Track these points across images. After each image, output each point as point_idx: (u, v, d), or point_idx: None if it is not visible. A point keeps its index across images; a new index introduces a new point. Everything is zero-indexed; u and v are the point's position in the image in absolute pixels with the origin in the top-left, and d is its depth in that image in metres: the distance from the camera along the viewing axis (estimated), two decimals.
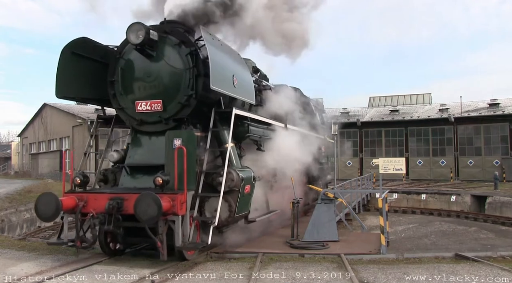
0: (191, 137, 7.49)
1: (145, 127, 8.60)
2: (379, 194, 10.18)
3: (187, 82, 8.16)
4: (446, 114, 34.00)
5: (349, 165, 36.54)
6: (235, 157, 8.45)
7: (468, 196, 22.10)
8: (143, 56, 8.33)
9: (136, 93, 8.54)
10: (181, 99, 8.19)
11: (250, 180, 8.40)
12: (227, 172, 7.76)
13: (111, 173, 8.92)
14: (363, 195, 18.75)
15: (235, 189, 7.92)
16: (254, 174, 8.63)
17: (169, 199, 7.01)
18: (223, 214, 7.77)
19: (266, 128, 10.21)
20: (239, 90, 8.57)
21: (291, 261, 7.80)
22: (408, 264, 7.51)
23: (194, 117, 8.43)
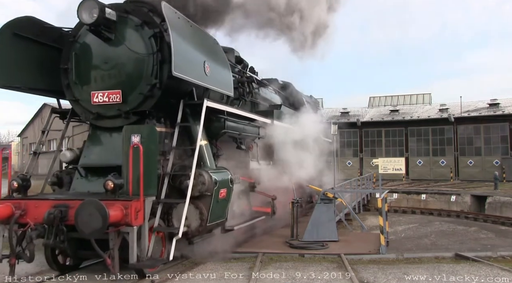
0: (152, 133, 6.45)
1: (103, 122, 7.47)
2: (379, 194, 10.17)
3: (151, 70, 7.05)
4: (446, 114, 34.00)
5: (349, 165, 36.52)
6: (209, 156, 7.40)
7: (468, 196, 22.08)
8: (100, 40, 7.21)
9: (92, 82, 7.41)
10: (143, 89, 7.06)
11: (227, 183, 7.38)
12: (198, 174, 6.78)
13: (66, 174, 7.69)
14: (363, 195, 18.73)
15: (206, 193, 6.87)
16: (232, 176, 7.64)
17: (121, 206, 5.93)
18: (193, 222, 6.86)
19: (248, 124, 9.07)
20: (212, 80, 7.42)
21: (291, 261, 7.81)
22: (408, 264, 7.52)
23: (161, 111, 7.37)
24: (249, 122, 9.19)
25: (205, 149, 7.36)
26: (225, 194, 7.33)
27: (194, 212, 6.89)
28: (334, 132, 16.94)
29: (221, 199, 7.24)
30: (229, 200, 7.61)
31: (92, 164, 7.38)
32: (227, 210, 7.66)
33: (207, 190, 6.87)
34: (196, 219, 6.90)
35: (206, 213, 6.90)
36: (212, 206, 6.97)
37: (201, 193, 6.84)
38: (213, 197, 6.95)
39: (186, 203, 6.60)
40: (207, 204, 6.94)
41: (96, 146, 7.63)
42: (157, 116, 7.34)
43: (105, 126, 7.51)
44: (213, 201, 6.97)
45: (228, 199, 7.55)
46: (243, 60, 10.77)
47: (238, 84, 9.45)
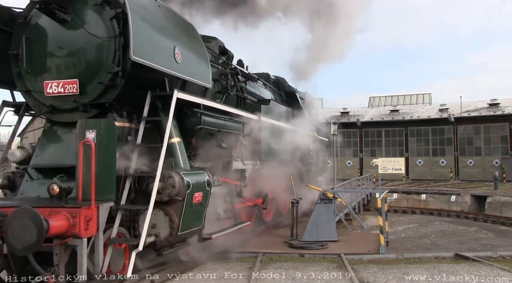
0: (110, 128, 5.61)
1: (59, 116, 6.51)
2: (378, 194, 10.16)
3: (112, 56, 6.11)
4: (446, 114, 34.02)
5: (349, 165, 36.53)
6: (182, 155, 6.55)
7: (468, 196, 22.08)
8: (55, 22, 6.23)
9: (45, 71, 6.44)
10: (104, 78, 6.14)
11: (203, 186, 6.56)
12: (167, 176, 5.97)
13: (20, 176, 6.60)
14: (363, 195, 18.74)
15: (177, 198, 6.01)
16: (209, 177, 6.83)
17: (67, 215, 5.03)
18: (162, 231, 6.05)
19: (230, 120, 8.22)
20: (184, 68, 6.56)
21: (291, 261, 7.81)
22: (408, 264, 7.52)
23: (126, 104, 6.40)
24: (231, 118, 8.27)
25: (178, 147, 6.51)
26: (200, 198, 6.48)
27: (164, 219, 6.08)
28: (334, 132, 16.85)
29: (195, 204, 6.36)
30: (206, 205, 6.75)
31: (44, 164, 6.33)
32: (204, 216, 6.77)
33: (178, 193, 5.99)
34: (166, 227, 6.07)
35: (177, 220, 6.06)
36: (184, 212, 6.11)
37: (171, 198, 5.98)
38: (185, 201, 6.10)
39: (149, 209, 5.66)
40: (179, 210, 6.09)
41: (51, 143, 6.62)
42: (121, 110, 6.33)
43: (62, 121, 6.53)
44: (185, 206, 6.11)
45: (205, 204, 6.70)
46: (228, 51, 9.77)
47: (221, 76, 8.68)
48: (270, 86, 12.84)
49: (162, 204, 6.02)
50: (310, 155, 14.08)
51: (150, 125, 6.38)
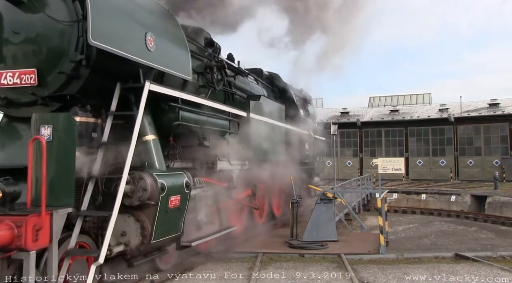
0: (68, 124, 4.95)
1: (16, 110, 5.78)
2: (378, 194, 10.16)
3: (75, 43, 5.37)
4: (446, 114, 34.05)
5: (349, 165, 36.55)
6: (157, 155, 5.92)
7: (468, 196, 22.09)
8: (10, 3, 5.50)
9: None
10: (66, 67, 5.39)
11: (181, 188, 5.98)
12: (138, 178, 5.39)
13: None
14: (363, 195, 18.74)
15: (149, 202, 5.43)
16: (189, 179, 6.24)
17: (11, 224, 4.32)
18: (133, 239, 5.48)
19: (214, 116, 7.56)
20: (158, 57, 5.91)
21: (291, 261, 7.81)
22: (408, 264, 7.51)
23: (93, 97, 5.67)
24: (216, 114, 7.61)
25: (153, 146, 5.91)
26: (178, 202, 5.89)
27: (134, 226, 5.48)
28: (334, 132, 16.82)
29: (172, 209, 5.76)
30: (185, 209, 6.17)
31: None
32: (182, 221, 6.17)
33: (150, 197, 5.41)
34: (137, 234, 5.48)
35: (149, 226, 5.48)
36: (158, 217, 5.52)
37: (142, 202, 5.39)
38: (159, 206, 5.52)
39: (112, 215, 4.96)
40: (151, 216, 5.51)
41: (8, 141, 5.85)
42: (87, 103, 5.59)
43: (20, 116, 5.77)
44: (159, 211, 5.53)
45: (183, 208, 6.11)
46: (215, 43, 9.06)
47: (206, 69, 8.04)
48: (263, 82, 12.22)
49: (133, 209, 5.46)
50: (306, 154, 13.50)
51: (123, 122, 5.65)
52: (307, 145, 13.56)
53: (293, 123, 12.21)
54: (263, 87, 11.96)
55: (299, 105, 13.56)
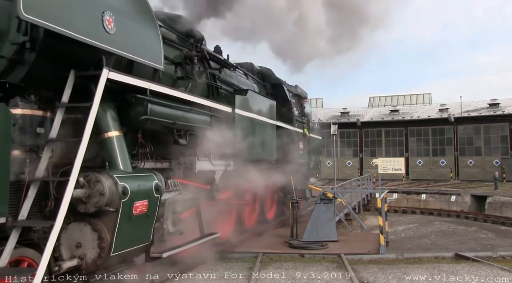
0: (2, 116, 4.23)
1: None
2: (378, 194, 10.16)
3: (17, 22, 4.55)
4: (446, 114, 34.07)
5: (349, 165, 36.56)
6: (121, 154, 5.22)
7: (468, 196, 22.10)
8: None
9: None
10: (7, 51, 4.58)
11: (149, 192, 5.29)
12: (94, 180, 4.67)
13: None
14: (363, 195, 18.75)
15: (108, 208, 4.72)
16: (159, 181, 5.54)
17: None
18: (89, 252, 4.77)
19: (191, 111, 6.65)
20: (119, 41, 5.09)
21: (291, 261, 7.81)
22: (408, 264, 7.52)
23: (41, 86, 4.88)
24: (193, 109, 6.69)
25: (116, 143, 5.18)
26: (145, 208, 5.21)
27: (91, 237, 4.78)
28: (334, 132, 16.77)
29: (137, 216, 5.08)
30: (155, 216, 5.47)
31: None
32: (151, 229, 5.48)
33: (109, 203, 4.70)
34: (94, 246, 4.77)
35: (108, 237, 4.77)
36: (119, 226, 4.81)
37: (99, 208, 4.68)
38: (120, 212, 4.81)
39: (55, 225, 4.20)
40: (111, 224, 4.80)
41: None
42: (35, 94, 4.85)
43: None
44: (120, 219, 4.82)
45: (153, 214, 5.41)
46: (197, 32, 8.31)
47: (186, 59, 7.32)
48: (253, 77, 11.46)
49: (89, 217, 4.77)
50: (300, 154, 12.68)
51: (83, 116, 4.81)
52: (301, 144, 12.83)
53: (285, 121, 11.45)
54: (254, 82, 11.24)
55: (293, 102, 12.77)
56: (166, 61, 6.50)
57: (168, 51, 6.69)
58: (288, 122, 11.60)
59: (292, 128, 11.85)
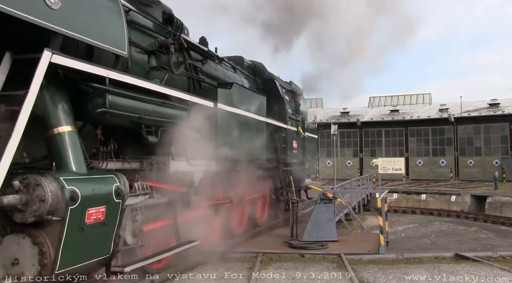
0: None
1: None
2: (378, 194, 10.16)
3: None
4: (446, 114, 34.07)
5: (349, 165, 36.57)
6: (73, 152, 4.45)
7: (468, 196, 22.11)
8: None
9: None
10: None
11: (107, 197, 4.59)
12: (33, 184, 3.94)
13: None
14: (363, 195, 18.75)
15: (50, 218, 3.96)
16: (123, 184, 4.87)
17: None
18: (27, 269, 4.02)
19: (163, 104, 5.84)
20: (66, 18, 4.29)
21: (291, 261, 7.81)
22: (408, 264, 7.52)
23: None
24: (165, 102, 5.89)
25: (67, 140, 4.43)
26: (103, 215, 4.52)
27: (30, 252, 4.03)
28: (334, 132, 16.73)
29: (91, 225, 4.36)
30: (115, 224, 4.79)
31: None
32: (111, 239, 4.79)
33: (52, 210, 3.97)
34: (34, 263, 4.02)
35: (52, 251, 4.03)
36: (66, 238, 4.08)
37: (39, 217, 3.94)
38: (67, 222, 4.07)
39: None
40: (55, 236, 4.05)
41: None
42: None
43: None
44: (68, 229, 4.08)
45: (113, 223, 4.74)
46: (176, 19, 7.45)
47: (161, 48, 6.55)
48: (243, 71, 10.70)
49: (30, 228, 4.03)
50: (294, 153, 11.98)
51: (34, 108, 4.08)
52: (295, 143, 12.10)
53: (278, 118, 10.78)
54: (243, 76, 10.49)
55: (287, 99, 11.99)
56: (138, 49, 6.02)
57: (139, 38, 6.11)
58: (280, 120, 10.97)
59: (284, 126, 11.23)
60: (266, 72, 11.75)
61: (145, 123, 5.56)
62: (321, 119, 37.33)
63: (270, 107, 10.21)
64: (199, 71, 7.97)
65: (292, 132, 11.91)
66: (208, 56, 8.54)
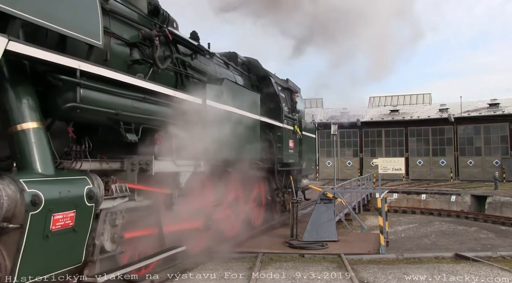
0: None
1: None
2: (378, 194, 10.16)
3: None
4: (446, 114, 34.08)
5: (349, 165, 36.57)
6: (38, 151, 4.06)
7: (468, 196, 22.11)
8: None
9: None
10: None
11: (77, 201, 4.18)
12: None
13: None
14: (363, 195, 18.75)
15: (6, 225, 3.61)
16: (97, 186, 4.48)
17: None
18: None
19: (144, 100, 5.41)
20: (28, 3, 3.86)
21: (291, 261, 7.81)
22: (408, 264, 7.51)
23: None
24: (146, 97, 5.46)
25: (32, 138, 4.04)
26: (72, 221, 4.11)
27: None
28: (334, 132, 16.73)
29: (57, 232, 3.96)
30: (87, 230, 4.39)
31: None
32: (83, 247, 4.38)
33: (8, 217, 3.62)
34: None
35: (9, 262, 3.68)
36: (27, 247, 3.71)
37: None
38: (27, 229, 3.68)
39: None
40: (13, 245, 3.69)
41: None
42: None
43: None
44: (28, 237, 3.70)
45: (84, 228, 4.32)
46: (162, 10, 7.12)
47: (144, 40, 6.16)
48: (237, 68, 10.28)
49: None
50: (290, 153, 11.59)
51: None
52: (291, 143, 11.71)
53: (273, 117, 10.46)
54: (237, 73, 10.06)
55: (282, 97, 11.60)
56: (119, 41, 5.63)
57: (121, 29, 5.70)
58: (275, 118, 10.64)
59: (280, 124, 10.85)
60: (261, 69, 11.33)
61: (124, 120, 5.13)
62: (321, 119, 37.39)
63: (265, 105, 9.96)
64: (188, 66, 7.55)
65: (288, 131, 11.58)
66: (198, 51, 8.10)
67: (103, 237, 4.94)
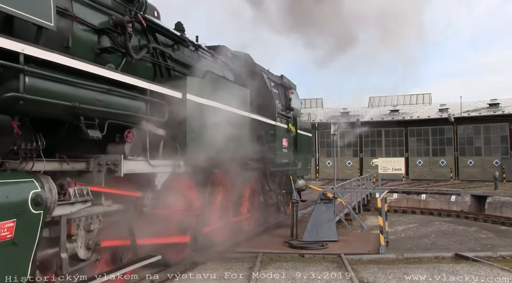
0: None
1: None
2: (378, 194, 10.16)
3: None
4: (446, 114, 34.09)
5: (349, 165, 36.58)
6: None
7: (468, 196, 22.12)
8: None
9: None
10: None
11: (19, 208, 3.59)
12: None
13: None
14: (363, 195, 18.75)
15: None
16: (50, 189, 3.93)
17: None
18: None
19: (108, 92, 4.72)
20: None
21: (291, 261, 7.81)
22: (408, 264, 7.51)
23: None
24: (112, 88, 4.77)
25: None
26: (11, 232, 3.50)
27: None
28: (334, 132, 16.74)
29: None
30: (34, 242, 3.75)
31: None
32: (29, 261, 3.73)
33: None
34: None
35: None
36: None
37: None
38: None
39: None
40: None
41: None
42: None
43: None
44: None
45: (28, 240, 3.69)
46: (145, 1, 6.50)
47: (115, 27, 5.51)
48: (226, 61, 9.68)
49: None
50: (283, 153, 11.01)
51: None
52: (285, 141, 11.14)
53: (264, 114, 9.88)
54: (226, 67, 9.48)
55: (275, 93, 11.03)
56: (84, 26, 5.03)
57: (86, 13, 5.11)
58: (268, 116, 10.06)
59: (273, 122, 10.30)
60: (252, 63, 10.64)
61: (84, 114, 4.45)
62: (321, 119, 37.40)
63: (256, 102, 9.47)
64: (168, 58, 6.93)
65: (282, 129, 11.02)
66: (180, 42, 7.47)
67: (76, 244, 4.54)
